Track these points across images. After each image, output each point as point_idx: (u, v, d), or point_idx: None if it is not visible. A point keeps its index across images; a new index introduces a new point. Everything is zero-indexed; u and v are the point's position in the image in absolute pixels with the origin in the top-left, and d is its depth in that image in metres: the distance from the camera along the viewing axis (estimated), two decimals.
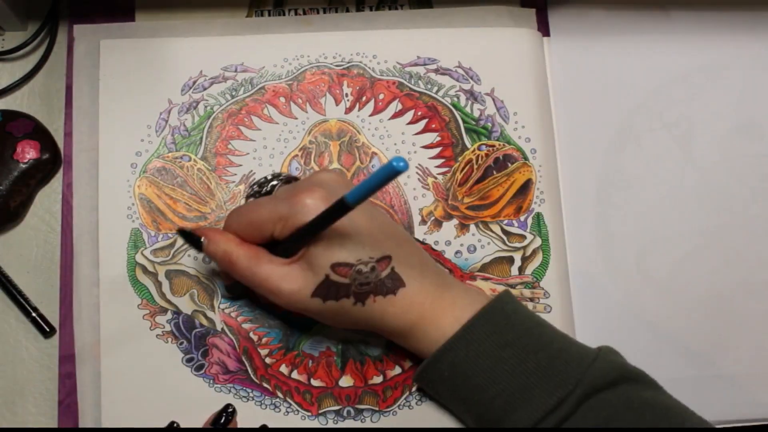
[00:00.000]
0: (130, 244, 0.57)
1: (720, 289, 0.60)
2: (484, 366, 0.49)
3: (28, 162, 0.58)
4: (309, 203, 0.48)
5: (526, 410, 0.48)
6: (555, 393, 0.47)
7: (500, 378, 0.49)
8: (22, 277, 0.58)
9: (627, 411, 0.47)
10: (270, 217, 0.49)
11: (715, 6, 0.65)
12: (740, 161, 0.63)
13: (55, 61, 0.62)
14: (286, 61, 0.61)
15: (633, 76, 0.64)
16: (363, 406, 0.56)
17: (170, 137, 0.59)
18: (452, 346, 0.50)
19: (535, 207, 0.59)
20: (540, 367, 0.48)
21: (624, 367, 0.50)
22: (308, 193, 0.48)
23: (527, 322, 0.51)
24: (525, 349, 0.49)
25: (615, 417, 0.47)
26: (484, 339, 0.49)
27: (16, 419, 0.56)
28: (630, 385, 0.49)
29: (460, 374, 0.50)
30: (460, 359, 0.49)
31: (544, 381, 0.48)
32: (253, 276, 0.50)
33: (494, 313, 0.50)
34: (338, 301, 0.49)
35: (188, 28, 0.62)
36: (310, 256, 0.49)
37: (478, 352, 0.49)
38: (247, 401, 0.55)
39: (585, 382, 0.47)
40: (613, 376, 0.48)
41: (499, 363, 0.49)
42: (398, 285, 0.50)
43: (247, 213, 0.51)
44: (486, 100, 0.61)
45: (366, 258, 0.49)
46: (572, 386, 0.47)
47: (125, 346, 0.55)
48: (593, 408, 0.47)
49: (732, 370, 0.52)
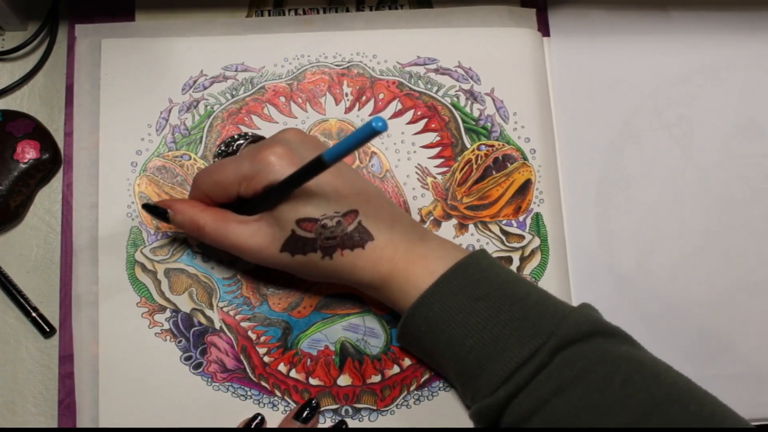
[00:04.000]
0: (129, 242, 0.57)
1: (720, 289, 0.60)
2: (459, 319, 0.49)
3: (28, 162, 0.58)
4: (272, 161, 0.49)
5: (499, 361, 0.48)
6: (528, 343, 0.47)
7: (474, 330, 0.49)
8: (22, 277, 0.58)
9: (602, 364, 0.47)
10: (235, 177, 0.50)
11: (715, 6, 0.65)
12: (740, 161, 0.63)
13: (56, 60, 0.62)
14: (286, 60, 0.61)
15: (633, 76, 0.64)
16: (361, 405, 0.56)
17: (170, 136, 0.59)
18: (427, 300, 0.50)
19: (534, 207, 0.59)
20: (514, 318, 0.48)
21: (600, 322, 0.49)
22: (270, 151, 0.49)
23: (503, 276, 0.51)
24: (499, 302, 0.49)
25: (590, 369, 0.47)
26: (458, 292, 0.49)
27: (16, 419, 0.56)
28: (605, 339, 0.48)
29: (436, 328, 0.50)
30: (435, 313, 0.50)
31: (518, 332, 0.48)
32: (222, 238, 0.51)
33: (469, 266, 0.50)
34: (306, 255, 0.50)
35: (189, 27, 0.62)
36: (276, 213, 0.49)
37: (452, 305, 0.49)
38: (245, 400, 0.55)
39: (559, 333, 0.47)
40: (587, 328, 0.48)
41: (473, 315, 0.49)
42: (366, 238, 0.50)
43: (212, 174, 0.52)
44: (486, 100, 0.61)
45: (331, 213, 0.49)
46: (546, 337, 0.47)
47: (123, 344, 0.55)
48: (567, 360, 0.47)
49: (732, 370, 0.52)
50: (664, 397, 0.46)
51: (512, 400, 0.47)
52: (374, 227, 0.51)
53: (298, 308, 0.57)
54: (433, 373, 0.56)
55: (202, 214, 0.51)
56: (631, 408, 0.45)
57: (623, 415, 0.45)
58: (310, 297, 0.57)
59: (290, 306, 0.57)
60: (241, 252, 0.51)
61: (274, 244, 0.50)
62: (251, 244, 0.50)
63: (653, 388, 0.46)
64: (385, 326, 0.57)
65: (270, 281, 0.57)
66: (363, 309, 0.57)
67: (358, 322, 0.57)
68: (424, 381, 0.56)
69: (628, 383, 0.46)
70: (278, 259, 0.51)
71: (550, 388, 0.47)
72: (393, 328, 0.57)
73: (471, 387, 0.50)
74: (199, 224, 0.51)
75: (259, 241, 0.50)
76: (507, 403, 0.48)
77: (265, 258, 0.51)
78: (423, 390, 0.56)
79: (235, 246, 0.51)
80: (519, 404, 0.47)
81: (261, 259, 0.51)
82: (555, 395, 0.46)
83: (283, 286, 0.57)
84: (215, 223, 0.51)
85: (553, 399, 0.46)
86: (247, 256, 0.51)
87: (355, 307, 0.57)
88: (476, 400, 0.50)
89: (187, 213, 0.52)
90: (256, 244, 0.50)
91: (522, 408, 0.47)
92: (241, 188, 0.50)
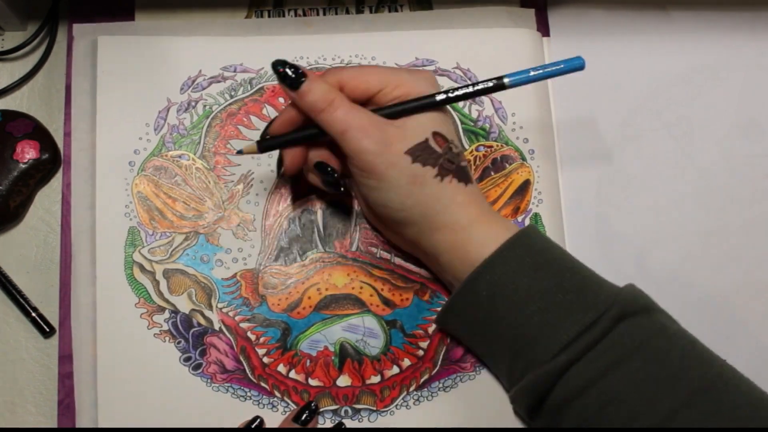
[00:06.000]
0: (127, 243, 0.57)
1: (720, 289, 0.60)
2: (523, 284, 0.50)
3: (27, 162, 0.58)
4: (430, 77, 0.53)
5: (562, 327, 0.48)
6: (590, 311, 0.48)
7: (537, 296, 0.49)
8: (22, 277, 0.58)
9: (661, 338, 0.48)
10: (387, 77, 0.52)
11: (715, 6, 0.65)
12: (740, 161, 0.62)
13: (55, 60, 0.62)
14: None
15: (633, 76, 0.64)
16: (360, 405, 0.56)
17: (169, 136, 0.59)
18: (492, 263, 0.50)
19: (533, 207, 0.59)
20: (575, 287, 0.49)
21: (652, 300, 0.50)
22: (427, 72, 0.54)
23: (559, 250, 0.52)
24: (560, 272, 0.50)
25: (650, 342, 0.47)
26: (521, 260, 0.50)
27: (15, 419, 0.56)
28: (662, 315, 0.50)
29: (499, 293, 0.50)
30: (498, 277, 0.50)
31: (581, 299, 0.49)
32: (352, 120, 0.49)
33: (530, 236, 0.51)
34: (424, 167, 0.50)
35: (188, 28, 0.62)
36: (413, 120, 0.51)
37: (516, 270, 0.50)
38: (245, 401, 0.55)
39: (619, 302, 0.48)
40: (644, 302, 0.49)
41: (537, 282, 0.50)
42: (469, 179, 0.52)
43: (362, 67, 0.53)
44: (484, 101, 0.61)
45: (456, 142, 0.52)
46: (607, 306, 0.48)
47: (122, 345, 0.55)
48: (628, 331, 0.48)
49: None
50: (717, 375, 0.47)
51: (571, 366, 0.48)
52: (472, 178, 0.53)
53: (297, 309, 0.57)
54: (433, 374, 0.56)
55: (338, 93, 0.50)
56: (688, 383, 0.46)
57: (680, 389, 0.46)
58: (309, 298, 0.57)
59: (289, 307, 0.57)
60: (364, 137, 0.49)
61: (402, 144, 0.50)
62: (379, 135, 0.49)
63: (707, 367, 0.47)
64: (385, 327, 0.57)
65: (269, 280, 0.57)
66: (362, 310, 0.57)
67: (357, 322, 0.57)
68: (424, 381, 0.56)
69: (685, 358, 0.47)
70: (398, 160, 0.50)
71: (611, 357, 0.47)
72: (392, 328, 0.57)
73: (527, 355, 0.50)
74: (335, 101, 0.50)
75: (389, 135, 0.50)
76: (565, 369, 0.48)
77: (386, 153, 0.50)
78: (422, 390, 0.56)
79: (361, 132, 0.49)
80: (578, 373, 0.48)
81: (380, 152, 0.49)
82: (615, 365, 0.47)
83: (282, 285, 0.57)
84: (350, 105, 0.50)
85: (613, 369, 0.47)
86: (369, 142, 0.49)
87: (354, 307, 0.57)
88: (530, 369, 0.50)
89: (322, 84, 0.50)
90: (384, 137, 0.50)
91: (581, 377, 0.47)
92: (385, 91, 0.51)
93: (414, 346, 0.57)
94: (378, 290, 0.57)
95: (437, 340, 0.57)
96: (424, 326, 0.57)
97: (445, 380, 0.56)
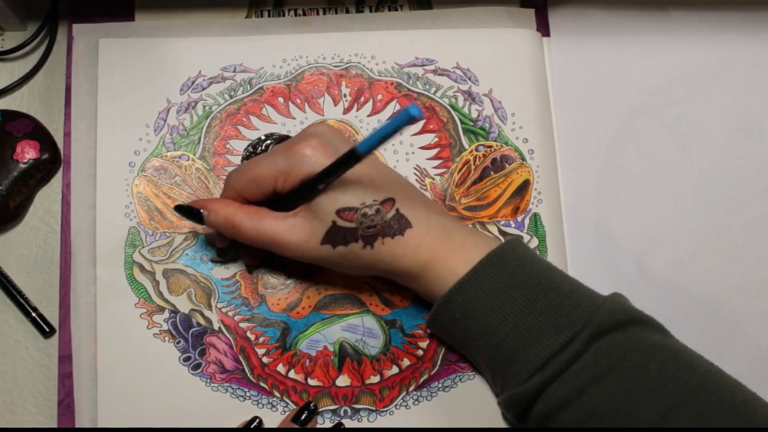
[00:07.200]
0: (127, 243, 0.57)
1: (720, 289, 0.60)
2: (494, 306, 0.49)
3: (27, 162, 0.58)
4: (308, 153, 0.49)
5: (535, 349, 0.48)
6: (564, 332, 0.48)
7: (510, 317, 0.49)
8: (22, 277, 0.58)
9: (637, 352, 0.47)
10: (270, 172, 0.50)
11: (715, 6, 0.65)
12: (740, 161, 0.62)
13: (55, 60, 0.62)
14: (284, 61, 0.61)
15: (633, 76, 0.64)
16: (360, 405, 0.56)
17: (169, 136, 0.59)
18: (463, 286, 0.50)
19: (532, 207, 0.59)
20: (549, 306, 0.49)
21: (633, 311, 0.50)
22: (305, 144, 0.50)
23: (537, 265, 0.51)
24: (535, 290, 0.49)
25: (625, 358, 0.47)
26: (494, 279, 0.50)
27: (15, 419, 0.56)
28: (640, 327, 0.49)
29: (471, 314, 0.50)
30: (471, 299, 0.50)
31: (553, 320, 0.48)
32: (260, 234, 0.51)
33: (505, 254, 0.51)
34: (347, 246, 0.50)
35: (188, 28, 0.62)
36: (314, 206, 0.50)
37: (488, 292, 0.50)
38: (244, 401, 0.55)
39: (594, 322, 0.48)
40: (622, 317, 0.49)
41: (509, 303, 0.49)
42: (405, 225, 0.51)
43: (246, 171, 0.51)
44: (484, 101, 0.61)
45: (370, 201, 0.50)
46: (581, 325, 0.48)
47: (122, 344, 0.55)
48: (603, 349, 0.47)
49: (732, 369, 0.52)
50: (699, 385, 0.46)
51: (546, 387, 0.48)
52: (411, 215, 0.51)
53: (296, 309, 0.57)
54: (432, 374, 0.56)
55: (237, 212, 0.51)
56: (667, 395, 0.46)
57: (659, 402, 0.46)
58: (308, 298, 0.57)
59: (289, 306, 0.57)
60: (280, 247, 0.51)
61: (314, 237, 0.50)
62: (291, 238, 0.50)
63: (687, 376, 0.47)
64: (384, 327, 0.57)
65: (269, 280, 0.57)
66: (362, 310, 0.57)
67: (356, 322, 0.57)
68: (423, 381, 0.56)
69: (664, 371, 0.47)
70: (319, 252, 0.50)
71: (586, 376, 0.47)
72: (392, 328, 0.57)
73: (503, 374, 0.50)
74: (235, 222, 0.51)
75: (298, 235, 0.50)
76: (541, 390, 0.48)
77: (305, 251, 0.51)
78: (422, 390, 0.56)
79: (275, 242, 0.51)
80: (553, 392, 0.48)
81: (301, 252, 0.51)
82: (591, 383, 0.47)
83: (282, 284, 0.57)
84: (252, 220, 0.51)
85: (590, 387, 0.47)
86: (286, 251, 0.51)
87: (353, 307, 0.57)
88: (507, 387, 0.50)
89: (221, 212, 0.51)
90: (295, 238, 0.50)
91: (556, 396, 0.47)
92: (278, 183, 0.50)
93: (413, 346, 0.57)
94: (377, 290, 0.57)
95: (437, 340, 0.57)
96: (423, 326, 0.57)
97: (445, 380, 0.56)
